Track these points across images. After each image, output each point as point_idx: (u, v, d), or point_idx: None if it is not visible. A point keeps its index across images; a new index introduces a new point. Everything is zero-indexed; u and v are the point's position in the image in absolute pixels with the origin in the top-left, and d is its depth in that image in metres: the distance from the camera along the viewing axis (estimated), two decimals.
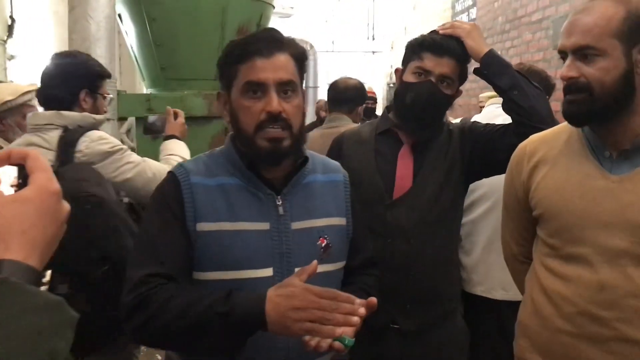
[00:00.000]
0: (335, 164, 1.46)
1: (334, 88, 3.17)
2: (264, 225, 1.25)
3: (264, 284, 1.17)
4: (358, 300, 1.11)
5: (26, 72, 5.47)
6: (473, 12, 7.34)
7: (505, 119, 1.77)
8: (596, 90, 1.29)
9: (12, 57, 5.40)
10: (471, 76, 1.83)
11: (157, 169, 2.03)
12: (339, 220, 1.37)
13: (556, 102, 2.03)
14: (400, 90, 1.77)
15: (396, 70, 1.84)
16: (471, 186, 2.05)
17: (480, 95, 6.40)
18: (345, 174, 1.44)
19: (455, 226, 1.87)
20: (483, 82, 1.87)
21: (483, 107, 6.17)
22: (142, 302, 1.15)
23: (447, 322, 1.81)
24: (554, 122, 1.62)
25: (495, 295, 2.19)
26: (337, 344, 1.06)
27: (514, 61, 6.20)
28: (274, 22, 12.95)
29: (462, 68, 1.75)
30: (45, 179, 0.67)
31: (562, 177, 1.39)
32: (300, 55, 1.29)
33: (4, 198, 0.64)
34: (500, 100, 2.01)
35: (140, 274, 1.17)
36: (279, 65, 1.23)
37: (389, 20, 12.74)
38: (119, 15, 5.13)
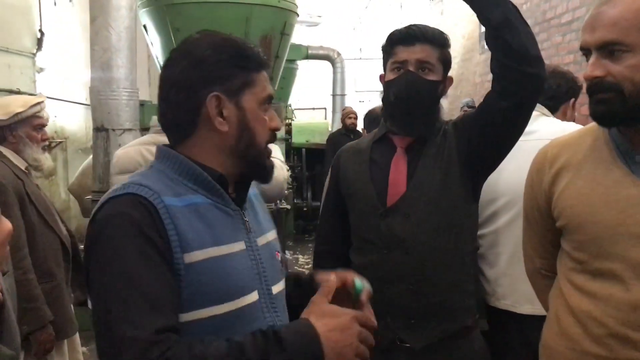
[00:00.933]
0: None
1: (369, 115, 3.74)
2: (241, 245, 1.13)
3: (252, 311, 1.07)
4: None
5: (54, 84, 5.56)
6: None
7: (528, 123, 1.66)
8: (627, 89, 1.17)
9: (41, 70, 5.49)
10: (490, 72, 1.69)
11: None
12: (275, 233, 1.29)
13: (586, 106, 1.92)
14: (385, 92, 1.72)
15: (380, 77, 1.76)
16: (492, 194, 1.93)
17: None
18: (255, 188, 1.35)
19: (465, 234, 1.71)
20: None
21: None
22: None
23: (462, 340, 1.68)
24: (542, 65, 1.50)
25: (521, 310, 2.06)
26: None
27: None
28: (301, 31, 13.02)
29: (441, 52, 1.68)
30: None
31: (587, 185, 1.28)
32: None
33: None
34: None
35: (144, 334, 0.92)
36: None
37: None
38: (144, 27, 5.18)
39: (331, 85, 11.26)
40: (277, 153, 2.45)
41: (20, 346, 1.38)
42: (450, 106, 9.55)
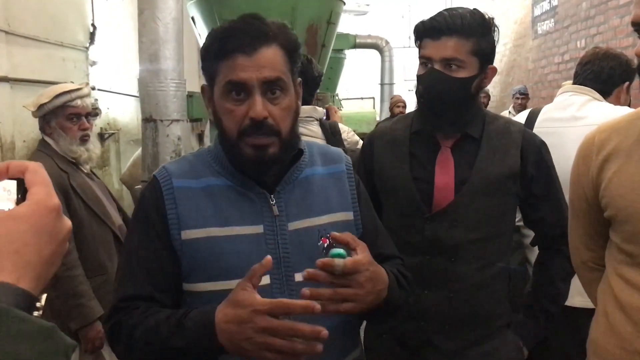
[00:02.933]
0: (337, 152, 1.30)
1: None
2: (257, 229, 1.13)
3: (261, 294, 1.04)
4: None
5: (107, 77, 5.70)
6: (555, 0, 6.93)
7: (577, 108, 1.57)
8: None
9: (94, 63, 5.63)
10: (554, 67, 1.64)
11: None
12: (345, 216, 1.22)
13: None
14: (416, 86, 1.60)
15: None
16: None
17: (563, 83, 6.05)
18: (348, 161, 1.29)
19: (505, 240, 1.64)
20: (566, 72, 1.68)
21: None
22: (114, 332, 1.11)
23: (494, 340, 1.62)
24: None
25: (572, 302, 1.98)
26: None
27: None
28: (349, 20, 12.92)
29: (474, 41, 1.50)
30: (43, 194, 0.62)
31: (639, 172, 1.20)
32: (291, 45, 1.14)
33: None
34: (574, 88, 1.80)
35: (116, 298, 1.12)
36: (264, 62, 1.09)
37: None
38: (192, 19, 5.24)
39: (379, 74, 11.15)
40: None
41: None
42: (502, 94, 9.31)
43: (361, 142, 2.49)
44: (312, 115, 2.44)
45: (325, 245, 1.16)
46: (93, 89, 5.48)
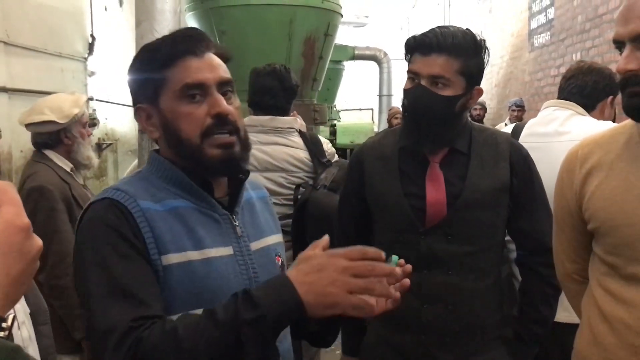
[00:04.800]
0: (254, 176, 1.31)
1: None
2: (228, 250, 1.10)
3: None
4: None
5: (105, 88, 5.73)
6: (551, 12, 6.97)
7: (560, 123, 1.59)
8: None
9: (92, 74, 5.66)
10: (550, 79, 1.66)
11: None
12: (280, 237, 1.26)
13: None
14: (402, 100, 1.60)
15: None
16: None
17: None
18: (265, 190, 1.32)
19: (498, 250, 1.66)
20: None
21: None
22: (138, 350, 0.92)
23: (491, 351, 1.63)
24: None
25: (557, 318, 1.99)
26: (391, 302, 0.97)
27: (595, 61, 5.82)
28: (348, 31, 12.94)
29: (462, 62, 1.49)
30: (12, 214, 0.61)
31: (620, 185, 1.22)
32: (227, 55, 1.15)
33: None
34: (558, 102, 1.82)
35: (119, 326, 0.94)
36: (215, 64, 1.10)
37: (465, 25, 12.35)
38: None
39: (378, 86, 11.20)
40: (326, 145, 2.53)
41: (46, 308, 1.43)
42: (498, 106, 9.34)
43: (336, 155, 2.42)
44: (293, 126, 2.38)
45: (280, 263, 1.19)
46: (91, 99, 5.52)
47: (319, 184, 2.25)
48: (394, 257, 1.02)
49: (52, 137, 2.42)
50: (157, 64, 1.08)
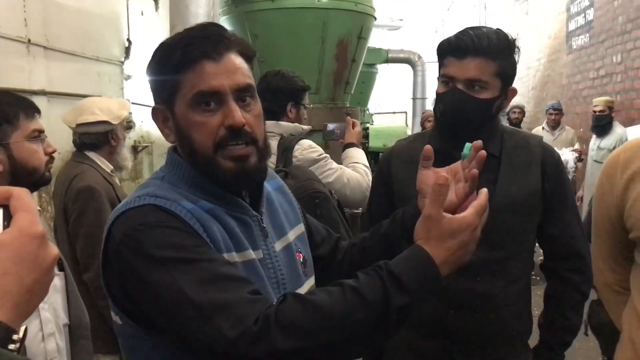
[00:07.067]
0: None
1: None
2: (259, 254, 1.05)
3: None
4: None
5: (141, 91, 5.82)
6: (590, 13, 6.81)
7: None
8: None
9: (128, 77, 5.75)
10: (588, 82, 1.61)
11: (350, 175, 2.33)
12: (301, 227, 1.20)
13: None
14: (435, 103, 1.57)
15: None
16: None
17: (594, 100, 5.91)
18: (279, 178, 1.27)
19: (528, 257, 1.62)
20: (601, 87, 1.65)
21: (596, 111, 5.68)
22: (277, 320, 0.86)
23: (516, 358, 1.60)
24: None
25: None
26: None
27: (636, 64, 5.67)
28: (382, 34, 12.89)
29: (498, 63, 1.47)
30: (27, 221, 0.60)
31: None
32: (250, 52, 1.06)
33: None
34: None
35: (241, 297, 0.88)
36: (233, 68, 1.01)
37: (501, 27, 12.18)
38: None
39: (412, 89, 11.12)
40: (362, 158, 2.51)
41: (87, 322, 1.43)
42: (536, 109, 9.17)
43: (320, 162, 2.28)
44: (274, 131, 2.31)
45: (301, 259, 1.15)
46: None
47: None
48: (467, 144, 1.13)
49: (100, 138, 2.46)
50: (171, 66, 1.01)
